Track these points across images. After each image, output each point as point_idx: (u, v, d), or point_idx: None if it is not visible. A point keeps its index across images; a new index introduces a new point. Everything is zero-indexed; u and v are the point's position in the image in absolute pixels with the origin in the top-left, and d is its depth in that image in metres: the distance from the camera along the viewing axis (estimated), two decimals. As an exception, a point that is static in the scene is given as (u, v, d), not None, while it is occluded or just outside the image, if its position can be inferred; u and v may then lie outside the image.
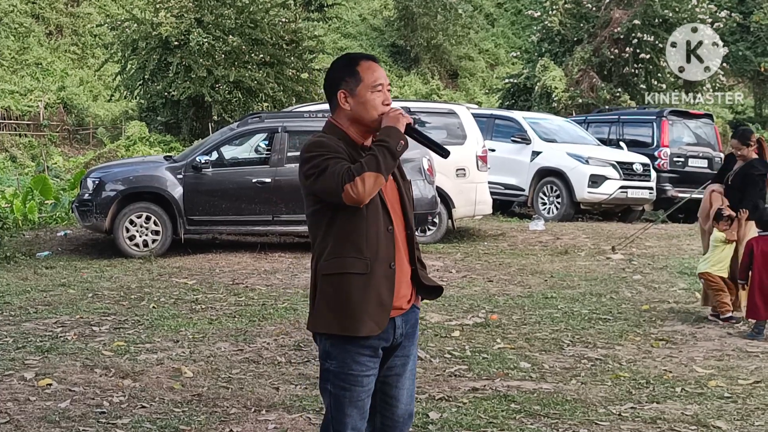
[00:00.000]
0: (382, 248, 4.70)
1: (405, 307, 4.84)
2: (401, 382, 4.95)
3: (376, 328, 4.69)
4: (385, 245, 4.71)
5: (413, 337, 4.97)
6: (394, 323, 4.80)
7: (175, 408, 7.73)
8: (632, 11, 41.29)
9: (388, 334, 4.78)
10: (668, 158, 24.42)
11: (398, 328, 4.82)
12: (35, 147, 43.46)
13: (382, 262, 4.70)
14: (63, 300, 12.62)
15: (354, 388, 4.75)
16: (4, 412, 7.56)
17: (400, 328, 4.83)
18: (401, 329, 4.84)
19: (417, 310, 4.98)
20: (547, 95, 41.41)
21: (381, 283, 4.70)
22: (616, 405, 7.95)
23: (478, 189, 19.04)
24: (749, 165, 12.03)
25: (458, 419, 7.45)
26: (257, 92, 39.32)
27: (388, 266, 4.71)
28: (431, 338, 10.42)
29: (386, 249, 4.71)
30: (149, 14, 40.94)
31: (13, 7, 52.03)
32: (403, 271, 4.80)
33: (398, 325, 4.82)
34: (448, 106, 20.89)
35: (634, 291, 13.58)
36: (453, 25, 60.41)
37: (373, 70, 4.81)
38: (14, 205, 22.37)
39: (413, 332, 4.96)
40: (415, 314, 4.95)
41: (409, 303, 4.87)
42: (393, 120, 4.72)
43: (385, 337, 4.77)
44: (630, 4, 41.94)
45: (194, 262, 16.06)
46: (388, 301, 4.71)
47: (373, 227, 4.70)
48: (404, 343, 4.91)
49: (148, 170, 17.26)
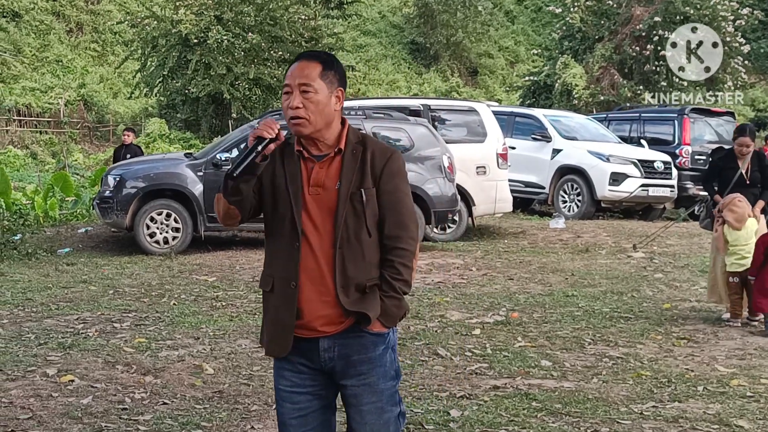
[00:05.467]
0: (282, 266, 4.38)
1: (327, 331, 4.36)
2: (361, 416, 4.45)
3: (279, 349, 4.42)
4: (286, 263, 4.36)
5: (364, 367, 4.42)
6: (318, 345, 4.39)
7: (196, 405, 7.73)
8: (653, 8, 41.20)
9: (313, 354, 4.40)
10: (689, 156, 24.33)
11: (324, 351, 4.39)
12: (55, 144, 43.58)
13: (283, 280, 4.37)
14: (84, 297, 12.65)
15: (283, 404, 4.50)
16: (27, 407, 7.58)
17: (327, 352, 4.39)
18: (330, 353, 4.39)
19: (368, 336, 4.41)
20: (568, 93, 41.34)
21: (280, 303, 4.38)
22: (637, 404, 7.91)
23: (499, 186, 19.02)
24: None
25: (479, 417, 7.42)
26: (276, 89, 39.37)
27: (288, 286, 4.35)
28: (452, 336, 10.39)
29: (287, 267, 4.35)
30: (169, 11, 41.10)
31: (34, 5, 52.20)
32: (319, 291, 4.33)
33: (324, 348, 4.39)
34: (468, 104, 20.87)
35: (655, 289, 13.53)
36: (473, 22, 60.45)
37: (290, 70, 4.46)
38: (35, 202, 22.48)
39: (363, 360, 4.41)
40: (360, 341, 4.40)
41: (334, 327, 4.36)
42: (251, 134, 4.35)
43: (307, 356, 4.42)
44: (651, 1, 41.86)
45: (214, 259, 16.08)
46: (288, 322, 4.35)
47: (276, 243, 4.43)
48: (349, 371, 4.41)
49: (168, 167, 17.28)
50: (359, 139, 4.48)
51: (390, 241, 4.39)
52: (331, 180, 4.37)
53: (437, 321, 11.20)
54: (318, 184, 4.37)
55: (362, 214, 4.35)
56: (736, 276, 11.34)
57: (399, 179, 4.46)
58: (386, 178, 4.41)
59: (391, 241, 4.39)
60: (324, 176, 4.38)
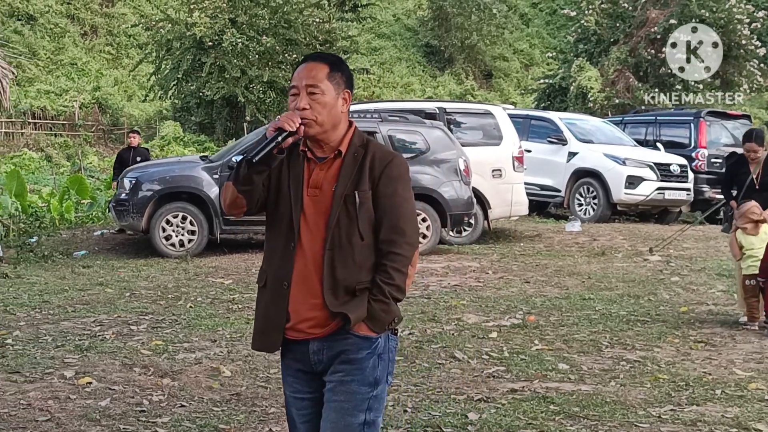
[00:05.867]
0: (276, 264, 4.38)
1: (315, 333, 4.33)
2: (326, 412, 4.38)
3: (266, 345, 4.45)
4: (281, 262, 4.36)
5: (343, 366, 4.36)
6: (308, 347, 4.37)
7: (214, 407, 7.73)
8: (669, 11, 41.12)
9: (305, 357, 4.39)
10: (706, 159, 24.27)
11: (314, 353, 4.37)
12: (70, 147, 43.73)
13: (276, 279, 4.37)
14: (101, 299, 12.67)
15: (290, 409, 4.54)
16: (45, 409, 7.59)
17: (317, 354, 4.36)
18: (319, 356, 4.36)
19: (354, 338, 4.34)
20: (583, 96, 41.27)
21: (272, 301, 4.39)
22: (655, 407, 7.88)
23: (515, 190, 18.99)
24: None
25: (497, 420, 7.41)
26: (291, 92, 39.37)
27: (280, 285, 4.35)
28: (469, 339, 10.38)
29: (281, 266, 4.36)
30: (183, 14, 41.22)
31: (49, 8, 52.40)
32: (307, 293, 4.31)
33: (314, 350, 4.36)
34: (484, 107, 20.86)
35: (672, 293, 13.49)
36: (487, 25, 60.51)
37: (296, 71, 4.46)
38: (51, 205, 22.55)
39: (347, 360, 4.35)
40: (346, 342, 4.34)
41: (322, 329, 4.32)
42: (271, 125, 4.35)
43: (301, 359, 4.41)
44: (667, 3, 41.77)
45: (230, 261, 16.10)
46: (278, 321, 4.36)
47: (273, 241, 4.43)
48: (333, 370, 4.37)
49: (184, 170, 17.29)
50: (363, 143, 4.44)
51: (385, 245, 4.33)
52: (328, 182, 4.35)
53: (454, 324, 11.18)
54: (316, 185, 4.36)
55: (355, 216, 4.30)
56: (752, 279, 11.30)
57: (399, 183, 4.39)
58: (385, 180, 4.35)
59: (385, 245, 4.33)
60: (322, 178, 4.36)
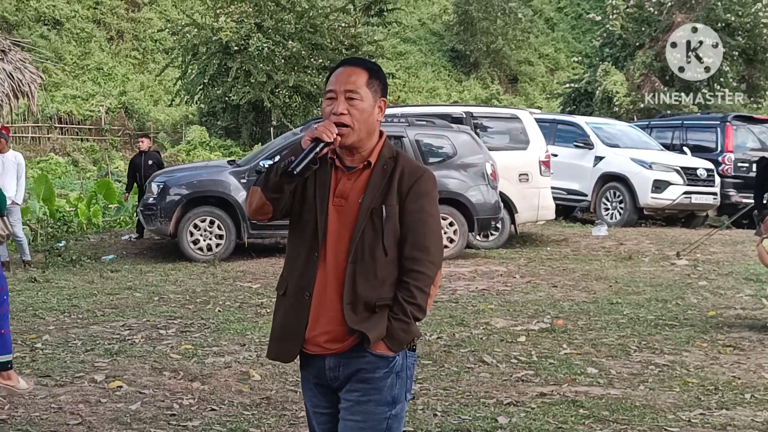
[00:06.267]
0: (299, 273, 4.21)
1: (332, 348, 4.18)
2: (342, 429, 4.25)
3: (283, 355, 4.29)
4: (304, 271, 4.20)
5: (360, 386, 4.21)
6: (324, 363, 4.22)
7: (244, 411, 7.76)
8: (694, 15, 41.07)
9: (321, 372, 4.24)
10: (732, 163, 24.18)
11: (330, 370, 4.22)
12: (96, 151, 43.87)
13: (298, 288, 4.20)
14: (129, 303, 12.73)
15: (312, 422, 4.42)
16: (76, 413, 7.63)
17: (333, 370, 4.21)
18: (335, 372, 4.21)
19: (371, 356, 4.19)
20: (609, 100, 41.22)
21: (292, 310, 4.22)
22: (685, 411, 7.88)
23: (541, 194, 18.97)
24: None
25: (527, 424, 7.41)
26: (317, 97, 39.47)
27: (302, 295, 4.19)
28: (497, 343, 10.39)
29: (304, 276, 4.20)
30: (209, 19, 41.33)
31: (75, 13, 52.65)
32: (328, 305, 4.16)
33: (330, 367, 4.21)
34: (511, 111, 20.84)
35: (699, 297, 13.46)
36: (513, 30, 60.55)
37: (335, 75, 4.29)
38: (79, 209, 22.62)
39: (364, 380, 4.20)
40: (363, 361, 4.19)
41: (339, 344, 4.17)
42: (305, 135, 4.17)
43: (318, 375, 4.27)
44: (692, 8, 41.72)
45: (258, 266, 16.14)
46: (297, 332, 4.20)
47: (296, 249, 4.28)
48: (349, 389, 4.22)
49: (212, 175, 17.34)
50: (392, 155, 4.29)
51: (408, 262, 4.18)
52: (355, 193, 4.20)
53: (482, 328, 11.20)
54: (342, 195, 4.20)
55: (380, 230, 4.15)
56: None
57: (426, 200, 4.24)
58: (413, 197, 4.19)
59: (409, 262, 4.18)
60: (349, 188, 4.21)
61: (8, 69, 15.12)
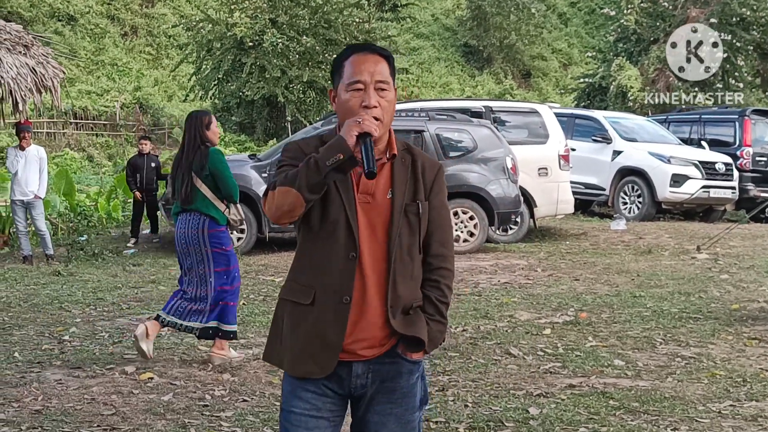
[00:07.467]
0: (333, 277, 3.84)
1: (366, 355, 3.90)
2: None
3: (317, 370, 3.86)
4: (340, 275, 3.84)
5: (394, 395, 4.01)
6: (351, 370, 3.91)
7: (276, 402, 7.77)
8: (709, 10, 40.97)
9: (342, 380, 3.92)
10: (750, 158, 24.18)
11: (357, 377, 3.93)
12: (111, 147, 43.94)
13: (332, 293, 3.84)
14: (154, 296, 12.80)
15: (295, 429, 3.94)
16: (110, 404, 7.69)
17: (360, 378, 3.93)
18: (363, 380, 3.94)
19: (403, 362, 3.98)
20: (623, 95, 41.16)
21: (326, 318, 3.84)
22: (714, 402, 7.89)
23: (560, 188, 18.97)
24: None
25: (558, 415, 7.45)
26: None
27: (340, 300, 3.83)
28: (523, 336, 10.42)
29: (340, 279, 3.84)
30: (224, 15, 41.33)
31: (89, 8, 52.69)
32: (367, 310, 3.86)
33: (357, 374, 3.92)
34: (530, 106, 20.84)
35: (722, 290, 13.46)
36: (526, 25, 60.51)
37: (357, 64, 3.93)
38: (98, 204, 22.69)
39: (395, 388, 3.99)
40: (396, 367, 3.97)
41: (375, 350, 3.92)
42: (346, 129, 3.76)
43: (336, 381, 3.91)
44: (707, 2, 41.61)
45: (279, 259, 16.18)
46: (335, 341, 3.84)
47: (326, 251, 3.87)
48: (379, 398, 3.99)
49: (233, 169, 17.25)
50: (405, 147, 4.04)
51: (436, 260, 4.01)
52: (381, 188, 3.92)
53: (507, 321, 11.23)
54: (367, 191, 3.91)
55: (417, 228, 3.94)
56: None
57: (443, 195, 4.09)
58: (435, 191, 4.02)
59: (437, 260, 4.01)
60: (374, 184, 3.90)
61: (31, 64, 15.13)
